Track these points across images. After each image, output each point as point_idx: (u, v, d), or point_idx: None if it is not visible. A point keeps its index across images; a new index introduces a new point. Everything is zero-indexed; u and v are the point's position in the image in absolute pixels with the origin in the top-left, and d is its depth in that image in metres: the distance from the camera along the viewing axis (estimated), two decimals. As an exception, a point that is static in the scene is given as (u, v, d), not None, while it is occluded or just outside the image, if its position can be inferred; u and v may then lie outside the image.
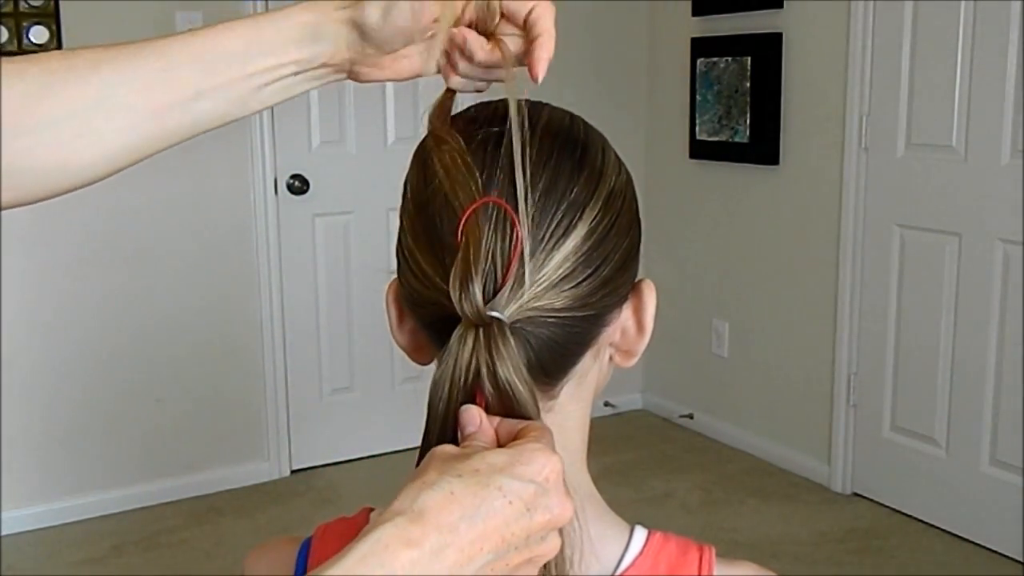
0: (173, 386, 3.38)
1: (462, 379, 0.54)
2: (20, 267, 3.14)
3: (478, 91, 0.67)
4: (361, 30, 0.62)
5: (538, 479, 0.48)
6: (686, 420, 4.00)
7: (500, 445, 0.52)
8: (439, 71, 0.66)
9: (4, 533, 3.14)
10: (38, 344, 3.19)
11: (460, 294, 0.54)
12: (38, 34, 3.06)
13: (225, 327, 3.45)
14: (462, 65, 0.65)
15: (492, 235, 0.56)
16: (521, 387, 0.54)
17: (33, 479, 3.22)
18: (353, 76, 0.65)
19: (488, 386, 0.54)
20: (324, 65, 0.63)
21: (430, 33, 0.63)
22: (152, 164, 2.95)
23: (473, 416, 0.53)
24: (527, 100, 0.63)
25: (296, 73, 0.63)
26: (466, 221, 0.55)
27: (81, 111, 0.58)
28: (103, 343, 3.27)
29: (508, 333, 0.55)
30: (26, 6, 3.04)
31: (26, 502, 3.19)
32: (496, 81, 0.65)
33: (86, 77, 0.58)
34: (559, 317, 0.58)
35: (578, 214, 0.58)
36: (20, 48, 3.04)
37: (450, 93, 0.65)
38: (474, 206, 0.55)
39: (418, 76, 0.66)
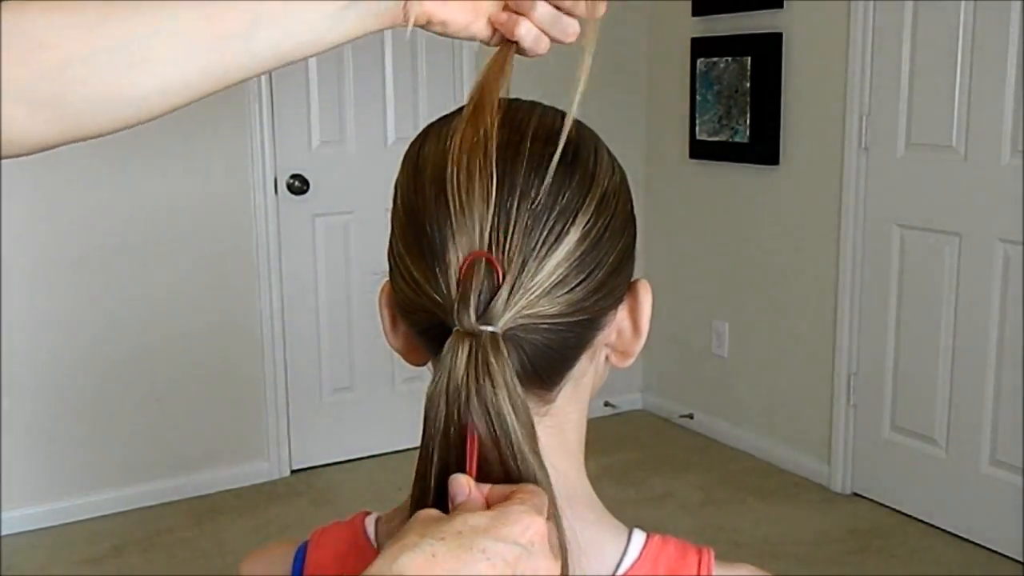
0: (173, 386, 3.38)
1: (456, 394, 0.54)
2: (20, 267, 3.13)
3: (535, 55, 0.62)
4: None
5: (522, 541, 0.47)
6: (686, 420, 4.00)
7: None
8: (492, 38, 0.61)
9: (4, 533, 3.14)
10: (38, 344, 3.19)
11: (454, 306, 0.54)
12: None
13: (225, 327, 3.45)
14: (537, 7, 0.59)
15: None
16: (507, 410, 0.54)
17: (33, 479, 3.21)
18: (407, 13, 0.59)
19: (477, 412, 0.54)
20: None
21: None
22: (152, 164, 2.95)
23: (462, 486, 0.52)
24: (521, 99, 0.62)
25: (347, 6, 0.58)
26: (466, 267, 0.55)
27: (137, 39, 0.56)
28: (103, 343, 3.26)
29: (501, 346, 0.54)
30: (26, 6, 3.03)
31: (26, 502, 3.19)
32: (559, 42, 0.61)
33: (143, 7, 0.56)
34: (553, 323, 0.57)
35: (570, 220, 0.57)
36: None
37: (507, 49, 0.61)
38: (469, 259, 0.55)
39: (471, 36, 0.61)
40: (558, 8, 0.60)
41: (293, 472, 3.61)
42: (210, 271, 3.40)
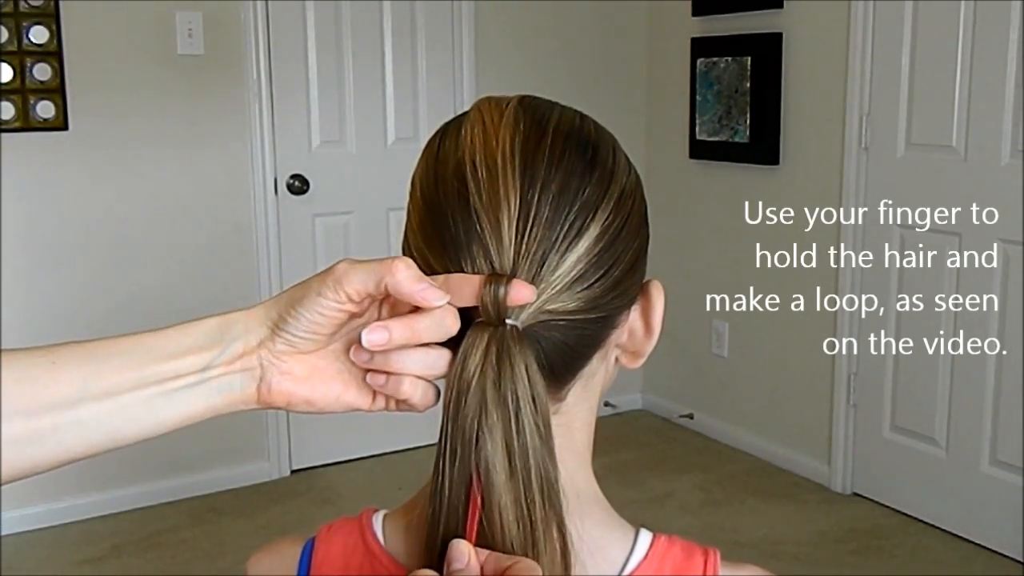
0: (173, 386, 3.37)
1: (470, 385, 0.53)
2: (20, 268, 3.13)
3: (424, 409, 0.59)
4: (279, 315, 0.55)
5: None
6: (686, 420, 4.00)
7: None
8: (373, 403, 0.58)
9: (4, 533, 3.14)
10: (37, 344, 3.18)
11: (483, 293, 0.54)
12: (38, 34, 3.05)
13: (225, 327, 3.44)
14: (406, 358, 0.56)
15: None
16: (526, 405, 0.53)
17: (33, 478, 3.20)
18: (264, 395, 0.58)
19: (494, 407, 0.53)
20: (229, 367, 0.58)
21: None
22: (152, 164, 2.95)
23: (462, 553, 0.52)
24: (539, 97, 0.63)
25: (200, 381, 0.58)
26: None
27: None
28: (103, 343, 3.26)
29: (523, 340, 0.54)
30: (26, 6, 3.03)
31: (26, 502, 3.19)
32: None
33: None
34: (571, 320, 0.57)
35: (591, 215, 0.57)
36: (20, 48, 3.04)
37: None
38: (484, 277, 0.55)
39: (347, 407, 0.58)
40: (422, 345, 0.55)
41: (293, 472, 3.61)
42: (210, 271, 3.40)
